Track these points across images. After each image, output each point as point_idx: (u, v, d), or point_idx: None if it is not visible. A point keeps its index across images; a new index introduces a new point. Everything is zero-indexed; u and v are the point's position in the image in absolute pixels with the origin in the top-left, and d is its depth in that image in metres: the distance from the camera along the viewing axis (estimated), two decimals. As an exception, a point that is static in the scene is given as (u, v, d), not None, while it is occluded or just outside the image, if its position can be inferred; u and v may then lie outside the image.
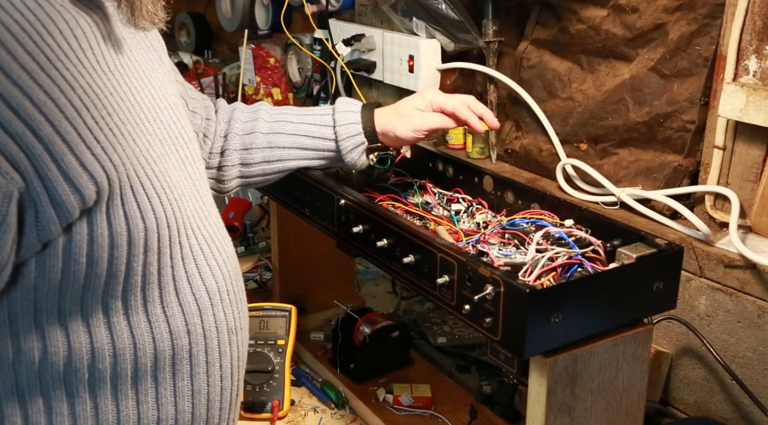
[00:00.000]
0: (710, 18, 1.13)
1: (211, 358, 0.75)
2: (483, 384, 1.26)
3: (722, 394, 1.12)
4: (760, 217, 1.08)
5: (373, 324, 1.28)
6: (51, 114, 0.58)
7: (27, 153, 0.57)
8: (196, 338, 0.73)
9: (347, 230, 1.08)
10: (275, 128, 1.11)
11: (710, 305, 1.11)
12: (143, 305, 0.69)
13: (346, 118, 1.09)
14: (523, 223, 1.04)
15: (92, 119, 0.62)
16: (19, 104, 0.57)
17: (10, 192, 0.57)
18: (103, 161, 0.62)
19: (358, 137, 1.09)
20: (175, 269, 0.71)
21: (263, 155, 1.11)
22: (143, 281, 0.68)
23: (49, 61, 0.59)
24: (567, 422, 0.86)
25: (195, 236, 0.74)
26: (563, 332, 0.82)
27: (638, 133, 1.25)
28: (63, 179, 0.59)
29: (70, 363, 0.66)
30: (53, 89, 0.59)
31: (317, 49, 1.81)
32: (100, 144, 0.62)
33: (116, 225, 0.64)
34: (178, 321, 0.71)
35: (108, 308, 0.67)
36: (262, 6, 2.06)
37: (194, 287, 0.73)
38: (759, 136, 1.07)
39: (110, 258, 0.64)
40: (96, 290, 0.65)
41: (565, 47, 1.36)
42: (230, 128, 1.11)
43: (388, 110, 1.11)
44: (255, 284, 1.61)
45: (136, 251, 0.66)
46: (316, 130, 1.10)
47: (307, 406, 1.25)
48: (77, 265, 0.63)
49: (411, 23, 1.52)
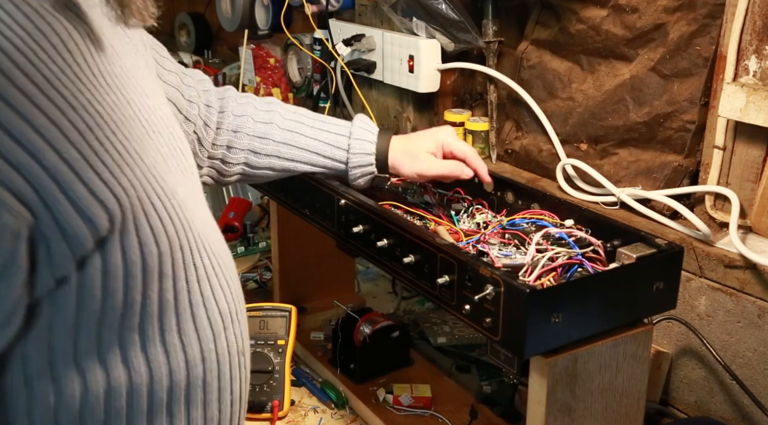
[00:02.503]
0: (710, 18, 1.13)
1: (223, 384, 0.71)
2: (483, 384, 1.26)
3: (722, 394, 1.12)
4: (760, 217, 1.08)
5: (373, 324, 1.28)
6: (55, 140, 0.53)
7: (34, 185, 0.52)
8: (210, 365, 0.69)
9: (347, 230, 1.08)
10: (288, 139, 1.10)
11: (710, 305, 1.11)
12: (160, 335, 0.64)
13: (361, 147, 1.11)
14: (523, 223, 1.04)
15: (97, 141, 0.57)
16: (21, 132, 0.51)
17: (18, 230, 0.52)
18: (113, 186, 0.57)
19: (369, 168, 1.11)
20: (191, 294, 0.67)
21: (269, 162, 1.11)
22: (160, 310, 0.63)
23: (47, 81, 0.54)
24: (567, 422, 0.86)
25: (207, 254, 0.70)
26: (563, 332, 0.82)
27: (638, 133, 1.25)
28: (74, 210, 0.55)
29: (85, 406, 0.61)
30: (54, 112, 0.54)
31: (317, 49, 1.81)
32: (108, 168, 0.57)
33: (130, 253, 0.59)
34: (194, 349, 0.67)
35: (125, 342, 0.62)
36: (262, 6, 2.06)
37: (209, 310, 0.69)
38: (759, 136, 1.07)
39: (125, 289, 0.60)
40: (112, 324, 0.61)
41: (565, 47, 1.36)
42: (241, 125, 1.10)
43: (400, 145, 1.12)
44: (255, 284, 1.61)
45: (151, 278, 0.61)
46: (329, 150, 1.11)
47: (307, 406, 1.25)
48: (92, 299, 0.58)
49: (411, 23, 1.52)
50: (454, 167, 1.10)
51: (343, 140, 1.11)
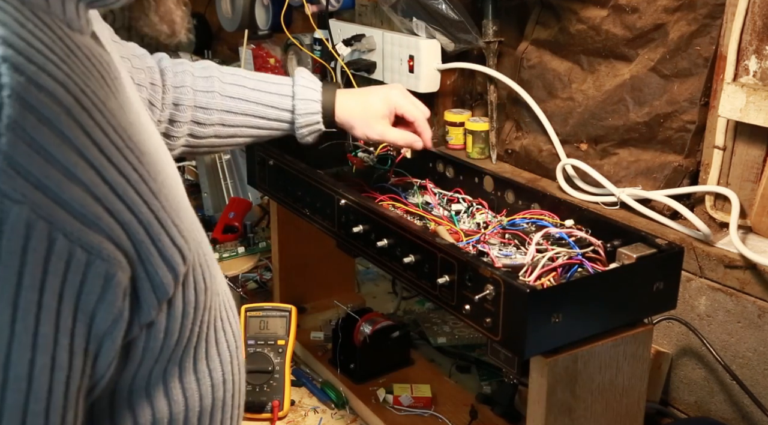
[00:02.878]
0: (710, 18, 1.13)
1: (236, 401, 0.72)
2: (483, 384, 1.26)
3: (722, 394, 1.12)
4: (760, 217, 1.08)
5: (373, 324, 1.28)
6: (144, 193, 0.52)
7: (133, 241, 0.51)
8: (228, 385, 0.69)
9: (347, 230, 1.08)
10: (231, 106, 1.09)
11: (710, 305, 1.11)
12: (193, 364, 0.64)
13: (306, 107, 1.10)
14: (524, 223, 1.04)
15: (163, 186, 0.55)
16: (123, 190, 0.49)
17: (126, 286, 0.51)
18: (182, 231, 0.57)
19: (316, 126, 1.11)
20: (217, 320, 0.66)
21: (215, 131, 1.10)
22: (197, 341, 0.63)
23: (118, 121, 0.51)
24: (567, 422, 0.86)
25: (215, 274, 0.68)
26: (563, 332, 0.82)
27: (638, 133, 1.25)
28: (162, 261, 0.54)
29: None
30: (135, 161, 0.52)
31: (317, 50, 1.81)
32: (174, 210, 0.56)
33: (189, 294, 0.59)
34: (218, 373, 0.67)
35: (167, 375, 0.62)
36: (262, 6, 2.06)
37: (227, 333, 0.69)
38: (759, 136, 1.07)
39: (182, 328, 0.60)
40: (162, 362, 0.60)
41: (565, 47, 1.36)
42: (181, 97, 1.07)
43: (349, 101, 1.12)
44: (255, 284, 1.61)
45: (197, 313, 0.61)
46: (272, 113, 1.10)
47: (307, 406, 1.25)
48: (156, 341, 0.58)
49: (411, 23, 1.52)
50: (407, 139, 1.12)
51: (286, 100, 1.11)
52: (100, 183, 0.48)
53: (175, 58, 1.13)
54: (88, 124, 0.47)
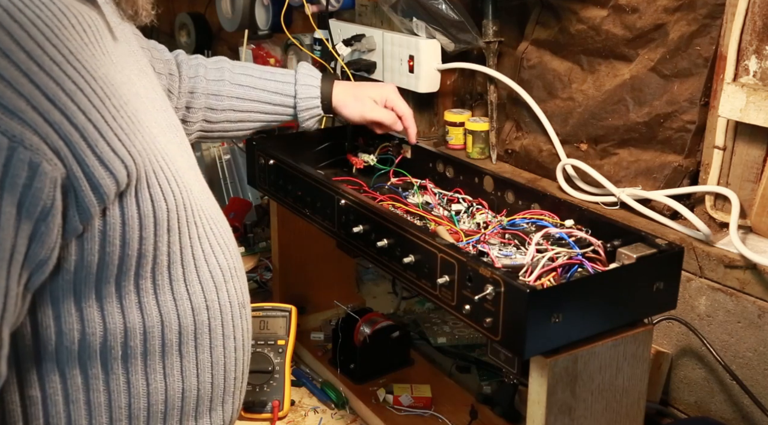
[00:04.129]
0: (710, 18, 1.13)
1: (226, 331, 0.80)
2: (483, 384, 1.26)
3: (722, 394, 1.12)
4: (760, 217, 1.08)
5: (373, 324, 1.28)
6: (82, 103, 0.62)
7: (66, 141, 0.61)
8: (214, 312, 0.78)
9: (347, 230, 1.08)
10: (240, 93, 1.23)
11: (710, 305, 1.11)
12: (169, 284, 0.73)
13: (307, 92, 1.24)
14: (524, 223, 1.04)
15: (114, 108, 0.66)
16: (54, 94, 0.60)
17: (55, 178, 0.60)
18: (129, 146, 0.66)
19: (316, 110, 1.25)
20: (194, 248, 0.76)
21: (226, 116, 1.24)
22: (169, 261, 0.72)
23: (72, 53, 0.63)
24: (567, 422, 0.86)
25: (203, 217, 0.79)
26: (563, 332, 0.82)
27: (638, 133, 1.25)
28: (99, 164, 0.63)
29: (105, 343, 0.70)
30: (80, 80, 0.63)
31: (317, 50, 1.81)
32: (124, 131, 0.66)
33: (144, 207, 0.68)
34: (199, 298, 0.76)
35: (139, 288, 0.71)
36: (262, 6, 2.06)
37: (210, 264, 0.78)
38: (759, 136, 1.07)
39: (140, 239, 0.68)
40: (129, 271, 0.69)
41: (566, 47, 1.36)
42: (196, 86, 1.22)
43: (346, 88, 1.25)
44: (255, 284, 1.61)
45: (161, 231, 0.70)
46: (278, 99, 1.24)
47: (308, 406, 1.25)
48: (112, 247, 0.67)
49: (411, 23, 1.52)
50: (391, 119, 1.24)
51: (289, 87, 1.24)
52: (25, 83, 0.58)
53: None
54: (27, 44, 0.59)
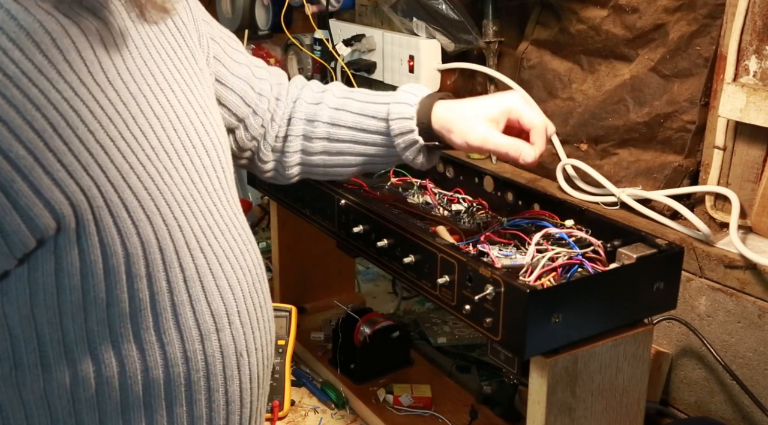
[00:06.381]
0: (710, 18, 1.13)
1: (213, 384, 0.70)
2: (483, 384, 1.26)
3: (722, 394, 1.12)
4: (760, 217, 1.08)
5: (373, 324, 1.28)
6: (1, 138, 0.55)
7: None
8: (196, 365, 0.69)
9: (347, 230, 1.08)
10: (335, 118, 0.96)
11: (710, 305, 1.11)
12: (134, 333, 0.65)
13: (399, 110, 0.92)
14: (524, 223, 1.04)
15: (60, 140, 0.58)
16: None
17: None
18: (66, 186, 0.59)
19: (411, 135, 0.91)
20: (174, 294, 0.67)
21: (323, 146, 0.97)
22: (132, 309, 0.65)
23: (9, 80, 0.55)
24: (567, 422, 0.86)
25: (205, 254, 0.69)
26: (563, 332, 0.82)
27: (638, 133, 1.25)
28: (12, 208, 0.56)
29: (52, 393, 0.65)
30: (7, 110, 0.55)
31: (317, 50, 1.81)
32: (65, 167, 0.58)
33: (90, 253, 0.61)
34: (176, 348, 0.67)
35: (93, 336, 0.64)
36: (262, 6, 2.06)
37: (197, 312, 0.69)
38: (759, 136, 1.07)
39: (86, 287, 0.62)
40: (75, 318, 0.63)
41: (566, 47, 1.36)
42: (295, 109, 0.99)
43: (452, 105, 0.91)
44: (255, 284, 1.61)
45: (117, 278, 0.63)
46: (372, 124, 0.94)
47: (308, 406, 1.25)
48: (45, 293, 0.61)
49: (411, 23, 1.52)
50: (513, 148, 0.87)
51: (383, 108, 0.93)
52: None
53: None
54: None
